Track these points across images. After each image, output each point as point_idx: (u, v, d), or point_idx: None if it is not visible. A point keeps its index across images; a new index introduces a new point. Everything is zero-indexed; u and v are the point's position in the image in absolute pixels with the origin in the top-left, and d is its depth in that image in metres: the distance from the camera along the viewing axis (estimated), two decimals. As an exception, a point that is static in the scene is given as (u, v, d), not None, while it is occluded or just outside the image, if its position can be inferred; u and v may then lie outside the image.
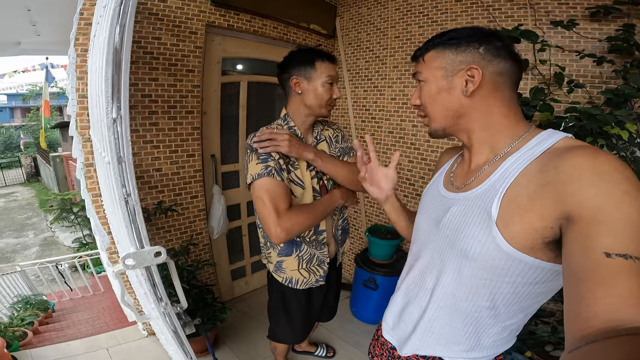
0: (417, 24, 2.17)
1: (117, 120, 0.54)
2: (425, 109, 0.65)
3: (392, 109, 2.38)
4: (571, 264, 0.40)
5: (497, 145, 0.61)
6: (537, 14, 1.77)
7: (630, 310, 0.33)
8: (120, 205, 0.56)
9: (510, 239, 0.51)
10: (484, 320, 0.60)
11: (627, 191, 0.41)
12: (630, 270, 0.35)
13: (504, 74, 0.58)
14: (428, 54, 0.63)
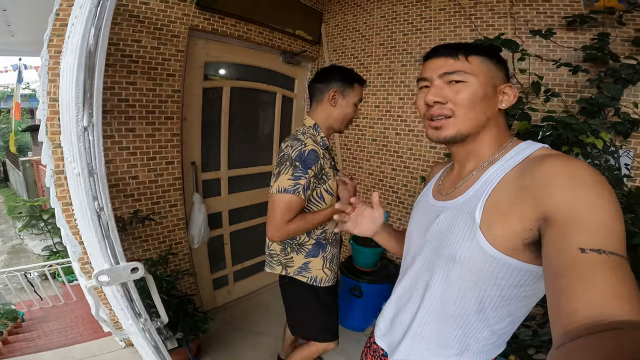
0: (401, 32, 2.21)
1: (89, 128, 0.50)
2: (458, 109, 0.62)
3: (375, 116, 2.40)
4: (550, 262, 0.42)
5: (484, 154, 0.64)
6: (517, 23, 1.83)
7: (609, 304, 0.34)
8: (92, 220, 0.52)
9: (492, 241, 0.53)
10: (472, 325, 0.62)
11: (599, 194, 0.44)
12: (605, 264, 0.37)
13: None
14: (472, 56, 0.62)
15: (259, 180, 2.50)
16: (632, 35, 1.56)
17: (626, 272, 0.37)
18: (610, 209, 0.43)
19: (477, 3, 1.92)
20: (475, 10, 1.94)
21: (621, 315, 0.33)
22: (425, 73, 0.67)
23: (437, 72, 0.64)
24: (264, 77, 2.38)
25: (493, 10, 1.88)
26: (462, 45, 0.64)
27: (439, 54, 0.65)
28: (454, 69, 0.62)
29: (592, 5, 1.67)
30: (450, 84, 0.62)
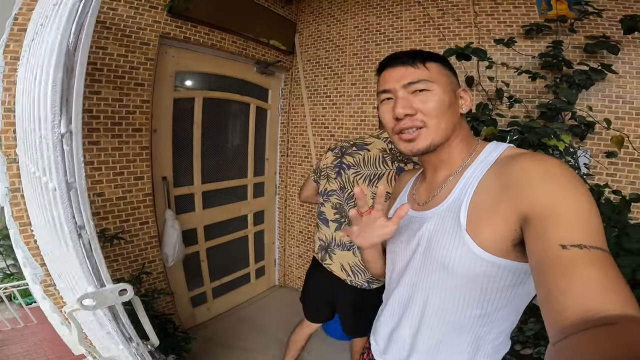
0: (374, 42, 2.27)
1: (66, 136, 0.44)
2: (429, 119, 0.60)
3: (350, 125, 2.42)
4: (534, 260, 0.42)
5: (455, 160, 0.65)
6: (480, 32, 1.95)
7: (596, 297, 0.34)
8: (72, 240, 0.46)
9: (482, 244, 0.53)
10: (478, 328, 0.60)
11: (573, 188, 0.45)
12: (588, 259, 0.38)
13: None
14: (430, 63, 0.62)
15: (234, 194, 2.42)
16: (583, 42, 1.70)
17: (609, 265, 0.38)
18: (585, 203, 0.44)
19: (444, 14, 2.03)
20: (442, 20, 2.04)
21: (611, 309, 0.33)
22: (386, 84, 0.64)
23: (400, 82, 0.61)
24: (237, 88, 2.33)
25: (459, 20, 2.00)
26: (417, 53, 0.63)
27: (396, 63, 0.63)
28: (417, 77, 0.61)
29: (546, 14, 1.82)
30: (415, 94, 0.61)
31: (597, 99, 1.72)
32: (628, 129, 1.65)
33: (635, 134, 1.64)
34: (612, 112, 1.69)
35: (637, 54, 1.66)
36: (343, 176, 1.32)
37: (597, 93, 1.72)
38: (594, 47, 1.62)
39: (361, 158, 1.30)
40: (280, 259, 2.88)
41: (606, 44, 1.60)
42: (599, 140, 1.72)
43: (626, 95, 1.67)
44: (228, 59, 2.20)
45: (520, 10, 1.88)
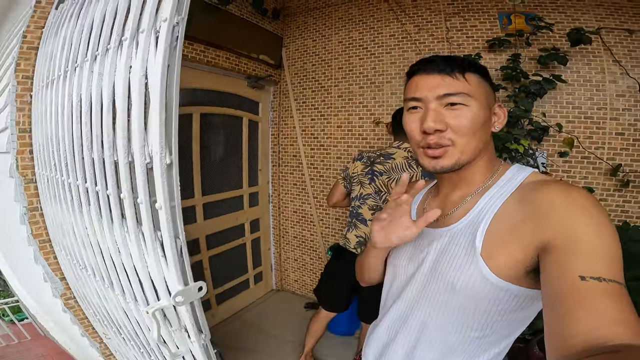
0: (357, 56, 2.45)
1: (170, 166, 0.57)
2: (459, 137, 0.56)
3: (339, 136, 2.57)
4: (549, 289, 0.42)
5: (476, 180, 0.61)
6: (452, 46, 2.18)
7: (607, 328, 0.35)
8: (171, 247, 0.58)
9: (496, 270, 0.52)
10: (474, 350, 0.59)
11: (598, 221, 0.45)
12: (604, 292, 0.38)
13: None
14: (470, 74, 0.57)
15: (232, 204, 2.52)
16: (537, 54, 1.93)
17: (625, 299, 0.38)
18: (609, 236, 0.43)
19: (420, 29, 2.24)
20: (419, 35, 2.25)
21: (619, 339, 0.33)
22: (417, 92, 0.58)
23: (434, 92, 0.56)
24: (231, 102, 2.44)
25: (433, 35, 2.21)
26: (458, 60, 0.58)
27: (431, 69, 0.57)
28: (455, 89, 0.55)
29: (506, 28, 2.04)
30: (448, 107, 0.56)
31: (550, 106, 1.97)
32: (578, 131, 1.93)
33: (584, 135, 1.93)
34: (564, 116, 1.95)
35: (583, 63, 1.91)
36: (377, 182, 1.59)
37: (550, 100, 1.96)
38: (546, 59, 1.86)
39: (390, 166, 1.58)
40: (277, 264, 2.99)
41: (556, 56, 1.84)
42: (553, 142, 1.98)
43: (575, 101, 1.94)
44: (222, 75, 2.30)
45: (485, 25, 2.10)
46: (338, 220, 2.66)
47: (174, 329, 0.69)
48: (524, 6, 2.03)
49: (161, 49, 0.56)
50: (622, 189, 1.87)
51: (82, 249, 1.00)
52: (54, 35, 1.14)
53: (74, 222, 0.99)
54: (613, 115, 1.89)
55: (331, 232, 2.70)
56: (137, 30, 0.65)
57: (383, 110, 2.39)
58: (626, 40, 1.86)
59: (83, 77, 0.83)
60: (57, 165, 1.01)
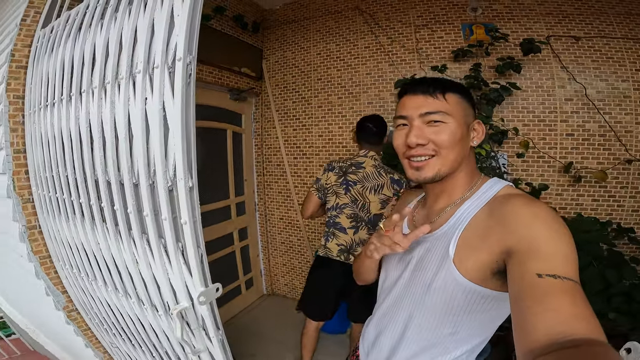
0: (335, 68, 2.59)
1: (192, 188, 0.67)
2: (440, 150, 0.63)
3: (320, 144, 2.69)
4: (513, 287, 0.47)
5: (456, 192, 0.68)
6: (421, 57, 2.36)
7: (565, 323, 0.38)
8: (195, 255, 0.68)
9: (465, 272, 0.58)
10: (448, 345, 0.67)
11: (554, 228, 0.50)
12: (560, 288, 0.42)
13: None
14: (450, 94, 0.64)
15: (220, 214, 2.58)
16: (495, 63, 2.12)
17: (579, 295, 0.42)
18: (564, 241, 0.49)
19: (393, 41, 2.41)
20: (391, 47, 2.42)
21: (577, 334, 0.36)
22: (404, 111, 0.66)
23: (418, 111, 0.64)
24: (215, 115, 2.51)
25: (404, 47, 2.39)
26: (439, 82, 0.65)
27: (416, 91, 0.65)
28: (434, 108, 0.62)
29: (469, 39, 2.22)
30: (430, 124, 0.63)
31: (508, 111, 2.18)
32: (533, 133, 2.15)
33: (539, 137, 2.16)
34: (520, 120, 2.17)
35: (535, 70, 2.12)
36: (352, 191, 1.65)
37: (507, 106, 2.17)
38: (503, 68, 2.05)
39: (362, 175, 1.65)
40: (266, 269, 3.07)
41: (511, 64, 2.03)
42: (512, 144, 2.19)
43: (529, 106, 2.16)
44: (205, 89, 2.37)
45: (450, 36, 2.29)
46: (323, 224, 2.78)
47: (193, 327, 0.79)
48: (484, 17, 2.25)
49: (178, 87, 0.66)
50: (575, 184, 2.12)
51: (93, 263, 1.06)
52: (47, 55, 1.18)
53: (83, 238, 1.05)
54: (563, 118, 2.13)
55: (317, 237, 2.82)
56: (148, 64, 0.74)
57: (361, 118, 2.54)
58: (573, 47, 2.10)
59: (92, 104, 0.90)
60: (64, 186, 1.06)
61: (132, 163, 0.77)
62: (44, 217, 1.30)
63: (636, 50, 2.03)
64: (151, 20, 0.73)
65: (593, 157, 2.11)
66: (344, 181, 1.66)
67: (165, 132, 0.69)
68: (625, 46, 2.04)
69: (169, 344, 0.99)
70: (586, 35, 2.09)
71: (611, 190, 2.09)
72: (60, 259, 1.28)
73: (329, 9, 2.59)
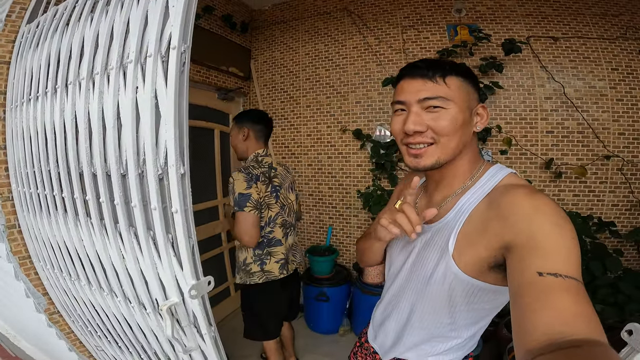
0: (324, 67, 2.61)
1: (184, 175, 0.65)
2: (439, 137, 0.60)
3: (308, 144, 2.70)
4: (513, 284, 0.46)
5: (457, 181, 0.65)
6: (407, 57, 2.39)
7: (565, 323, 0.37)
8: (186, 245, 0.66)
9: (463, 267, 0.58)
10: (447, 334, 0.68)
11: (556, 223, 0.48)
12: (560, 287, 0.41)
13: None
14: (451, 78, 0.60)
15: (208, 215, 2.54)
16: (479, 63, 2.19)
17: (580, 294, 0.41)
18: (566, 237, 0.46)
19: (380, 42, 2.45)
20: (379, 47, 2.46)
21: (577, 334, 0.35)
22: (402, 96, 0.62)
23: (416, 96, 0.60)
24: (202, 115, 2.47)
25: (392, 47, 2.43)
26: (439, 65, 0.61)
27: (414, 74, 0.61)
28: (434, 94, 0.59)
29: (453, 39, 2.28)
30: (429, 110, 0.60)
31: (491, 109, 2.24)
32: (515, 131, 2.22)
33: (521, 134, 2.23)
34: (502, 118, 2.24)
35: (516, 70, 2.20)
36: (280, 197, 1.55)
37: (490, 104, 2.24)
38: (486, 67, 2.12)
39: (280, 177, 1.58)
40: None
41: (494, 64, 2.11)
42: (495, 141, 2.26)
43: (511, 104, 2.22)
44: (192, 88, 2.34)
45: (436, 36, 2.34)
46: (313, 224, 2.78)
47: (184, 325, 0.77)
48: (468, 18, 2.31)
49: (172, 75, 0.65)
50: (556, 179, 2.19)
51: (76, 261, 1.02)
52: (31, 50, 1.15)
53: (65, 236, 1.01)
54: (543, 116, 2.21)
55: (307, 236, 2.81)
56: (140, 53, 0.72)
57: (349, 118, 2.56)
58: (551, 47, 2.18)
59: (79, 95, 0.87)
60: (47, 181, 1.02)
61: (120, 153, 0.75)
62: (23, 215, 1.24)
63: (611, 50, 2.13)
64: (144, 12, 0.72)
65: (572, 154, 2.18)
66: (273, 189, 1.50)
67: (157, 119, 0.68)
68: (601, 46, 2.13)
69: (157, 344, 0.97)
70: (564, 36, 2.17)
71: (591, 186, 2.17)
72: (41, 259, 1.23)
73: (317, 10, 2.61)
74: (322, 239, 2.73)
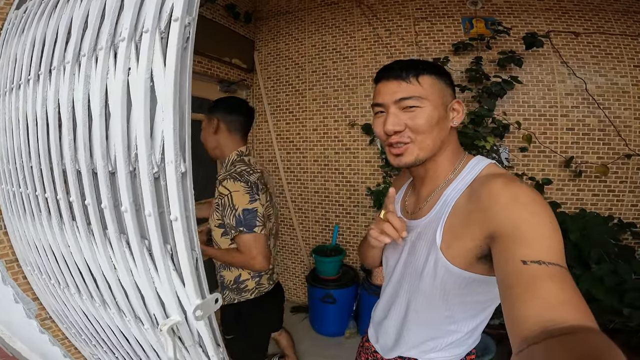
0: (331, 60, 2.49)
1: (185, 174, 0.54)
2: (416, 135, 0.63)
3: (314, 139, 2.59)
4: (499, 274, 0.47)
5: (441, 175, 0.68)
6: (420, 50, 2.29)
7: (554, 310, 0.38)
8: (189, 259, 0.55)
9: (452, 259, 0.60)
10: (446, 328, 0.69)
11: (536, 211, 0.49)
12: (546, 274, 0.42)
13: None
14: (423, 77, 0.62)
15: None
16: (496, 57, 2.09)
17: (567, 280, 0.41)
18: (547, 224, 0.48)
19: (391, 34, 2.34)
20: (390, 39, 2.35)
21: (567, 321, 0.36)
22: (379, 98, 0.66)
23: (392, 98, 0.63)
24: (203, 107, 2.34)
25: (403, 39, 2.32)
26: (412, 65, 0.63)
27: (389, 76, 0.64)
28: (408, 94, 0.61)
29: (469, 32, 2.18)
30: (406, 110, 0.62)
31: (509, 105, 2.15)
32: (533, 127, 2.11)
33: (539, 131, 2.12)
34: (520, 114, 2.13)
35: (535, 65, 2.10)
36: (273, 203, 1.38)
37: (508, 100, 2.14)
38: (504, 61, 2.02)
39: (267, 179, 1.39)
40: (257, 270, 2.92)
41: (513, 58, 2.01)
42: (513, 138, 2.15)
43: (530, 100, 2.13)
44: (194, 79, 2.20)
45: (450, 29, 2.24)
46: (318, 222, 2.67)
47: (187, 344, 0.66)
48: (484, 11, 2.20)
49: (173, 51, 0.53)
50: (576, 179, 2.09)
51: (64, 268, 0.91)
52: (17, 36, 1.03)
53: (51, 240, 0.90)
54: (563, 113, 2.10)
55: (312, 235, 2.70)
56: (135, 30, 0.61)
57: (357, 112, 2.44)
58: (572, 42, 2.08)
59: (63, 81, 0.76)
60: (29, 179, 0.91)
61: (109, 146, 0.63)
62: (9, 216, 1.13)
63: (634, 47, 2.04)
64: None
65: (593, 152, 2.08)
66: (270, 197, 1.33)
67: (152, 106, 0.56)
68: (623, 43, 2.05)
69: (157, 360, 0.86)
70: (585, 31, 2.08)
71: (610, 185, 2.07)
72: (28, 263, 1.12)
73: (325, 0, 2.48)
74: (328, 238, 2.62)
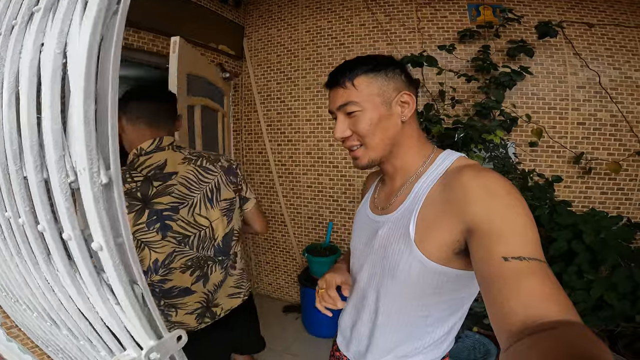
0: (326, 46, 2.32)
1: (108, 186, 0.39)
2: (363, 139, 0.63)
3: (307, 130, 2.43)
4: (479, 271, 0.46)
5: (411, 167, 0.66)
6: (423, 37, 2.13)
7: (538, 305, 0.37)
8: (127, 296, 0.41)
9: (428, 254, 0.57)
10: (423, 329, 0.66)
11: (511, 204, 0.49)
12: (527, 270, 0.41)
13: (416, 97, 0.65)
14: (358, 79, 0.61)
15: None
16: (505, 46, 1.95)
17: (547, 274, 0.41)
18: (522, 216, 0.47)
19: (391, 19, 2.17)
20: (390, 25, 2.18)
21: (549, 316, 0.36)
22: (329, 105, 0.67)
23: (335, 105, 0.64)
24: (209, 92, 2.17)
25: (404, 25, 2.16)
26: (346, 69, 0.62)
27: (331, 84, 0.65)
28: (345, 100, 0.62)
29: (475, 20, 2.04)
30: (349, 115, 0.63)
31: (517, 97, 2.01)
32: (542, 121, 1.98)
33: (549, 125, 1.98)
34: (529, 107, 2.00)
35: (547, 55, 1.97)
36: (174, 226, 0.99)
37: (516, 92, 2.00)
38: (514, 51, 1.88)
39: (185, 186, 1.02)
40: (248, 268, 2.80)
41: (524, 48, 1.87)
42: (521, 132, 2.02)
43: (539, 92, 1.99)
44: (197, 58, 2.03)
45: (455, 16, 2.09)
46: (311, 219, 2.54)
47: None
48: (492, -2, 2.03)
49: (92, 13, 0.37)
50: (585, 175, 1.96)
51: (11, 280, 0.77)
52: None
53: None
54: (574, 106, 1.96)
55: (304, 232, 2.58)
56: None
57: (354, 103, 2.28)
58: (586, 33, 1.94)
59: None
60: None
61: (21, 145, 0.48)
62: None
63: (649, 40, 1.90)
64: None
65: (604, 148, 1.96)
66: (154, 217, 1.03)
67: (64, 90, 0.41)
68: (638, 35, 1.92)
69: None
70: (599, 23, 1.94)
71: (620, 183, 1.96)
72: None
73: (320, -18, 2.30)
74: (322, 235, 2.49)
